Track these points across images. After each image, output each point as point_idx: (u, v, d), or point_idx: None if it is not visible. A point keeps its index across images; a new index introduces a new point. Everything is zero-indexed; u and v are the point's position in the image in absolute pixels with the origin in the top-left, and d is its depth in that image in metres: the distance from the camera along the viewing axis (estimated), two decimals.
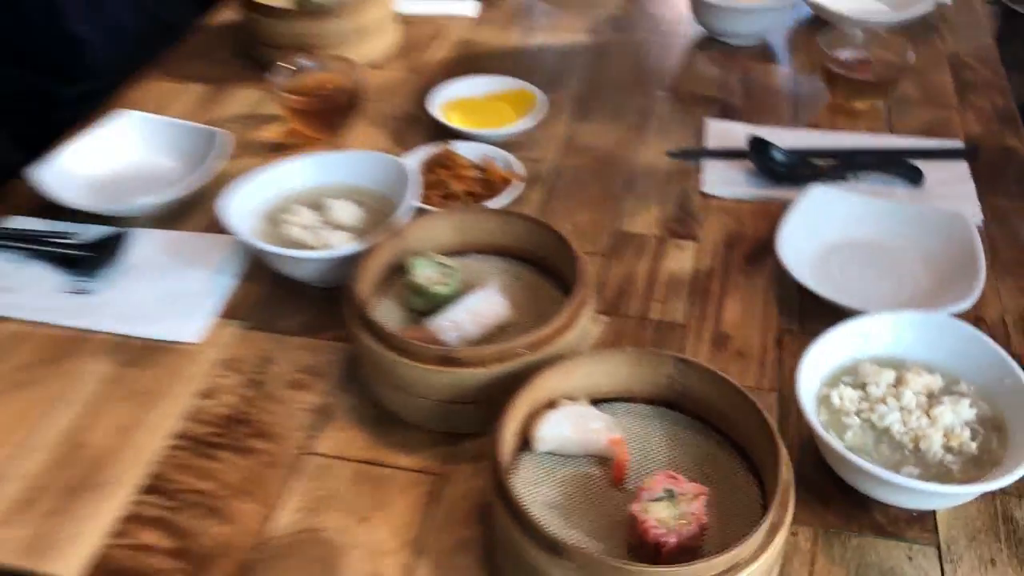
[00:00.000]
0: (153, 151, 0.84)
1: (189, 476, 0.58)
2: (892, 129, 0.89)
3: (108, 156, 0.82)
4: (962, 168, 0.82)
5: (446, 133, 0.85)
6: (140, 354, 0.66)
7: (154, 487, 0.57)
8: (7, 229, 0.76)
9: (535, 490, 0.53)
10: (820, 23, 1.04)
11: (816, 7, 1.04)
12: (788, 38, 1.04)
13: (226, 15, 1.10)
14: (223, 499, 0.56)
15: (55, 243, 0.74)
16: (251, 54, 1.00)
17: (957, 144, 0.85)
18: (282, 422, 0.61)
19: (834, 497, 0.55)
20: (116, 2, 1.14)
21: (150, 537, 0.54)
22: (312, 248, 0.68)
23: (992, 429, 0.55)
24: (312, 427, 0.60)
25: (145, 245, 0.74)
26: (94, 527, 0.55)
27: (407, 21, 1.07)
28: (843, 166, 0.81)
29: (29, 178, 0.77)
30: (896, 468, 0.53)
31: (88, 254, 0.73)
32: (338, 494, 0.56)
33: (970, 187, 0.80)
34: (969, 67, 0.99)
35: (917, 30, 1.04)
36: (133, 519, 0.55)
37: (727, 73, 0.98)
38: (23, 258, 0.73)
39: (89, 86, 1.18)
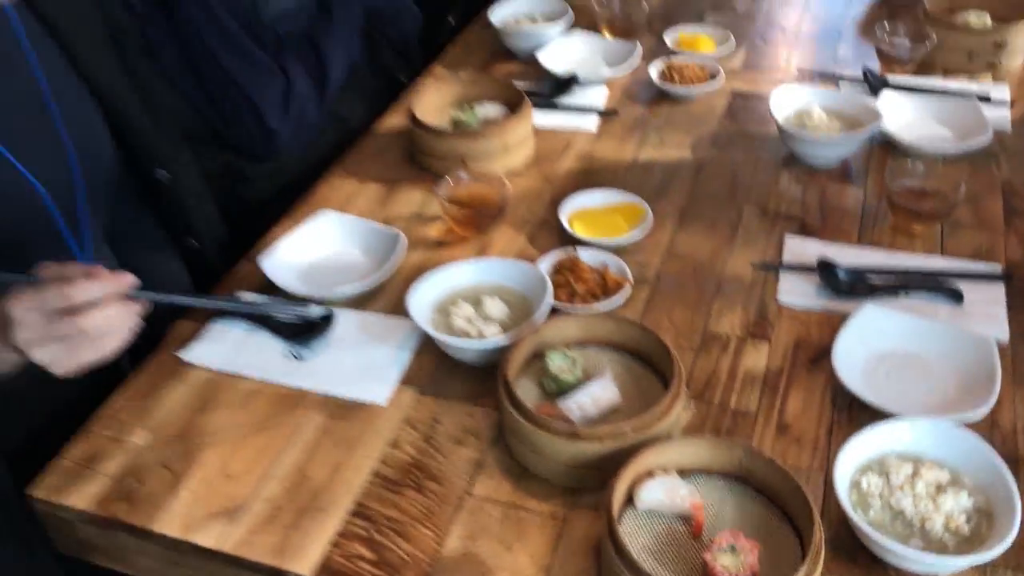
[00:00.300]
0: (346, 245, 1.08)
1: (383, 505, 0.80)
2: (944, 250, 1.06)
3: (312, 248, 1.07)
4: (998, 290, 1.00)
5: (571, 240, 1.07)
6: (343, 410, 0.89)
7: (359, 512, 0.80)
8: (241, 303, 1.00)
9: (635, 537, 0.73)
10: (892, 147, 1.22)
11: (887, 135, 1.22)
12: (863, 161, 1.22)
13: (395, 120, 1.35)
14: (408, 525, 0.78)
15: (278, 319, 0.99)
16: (416, 159, 1.25)
17: (996, 269, 1.02)
18: (447, 470, 0.83)
19: (860, 560, 0.74)
20: (305, 102, 1.40)
21: (358, 549, 0.77)
22: (471, 337, 0.91)
23: (984, 516, 0.73)
24: (470, 475, 0.82)
25: (344, 323, 0.98)
26: (319, 539, 0.78)
27: (540, 134, 1.29)
28: (896, 285, 1.00)
29: (256, 263, 1.02)
30: (905, 541, 0.71)
31: (303, 328, 0.97)
32: (490, 528, 0.78)
33: (1002, 309, 0.97)
34: (1018, 194, 1.15)
35: (977, 156, 1.21)
36: (346, 535, 0.78)
37: (806, 192, 1.17)
38: (254, 328, 0.98)
39: (275, 165, 1.45)
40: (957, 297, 0.98)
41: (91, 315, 0.73)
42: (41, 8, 0.95)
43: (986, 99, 1.32)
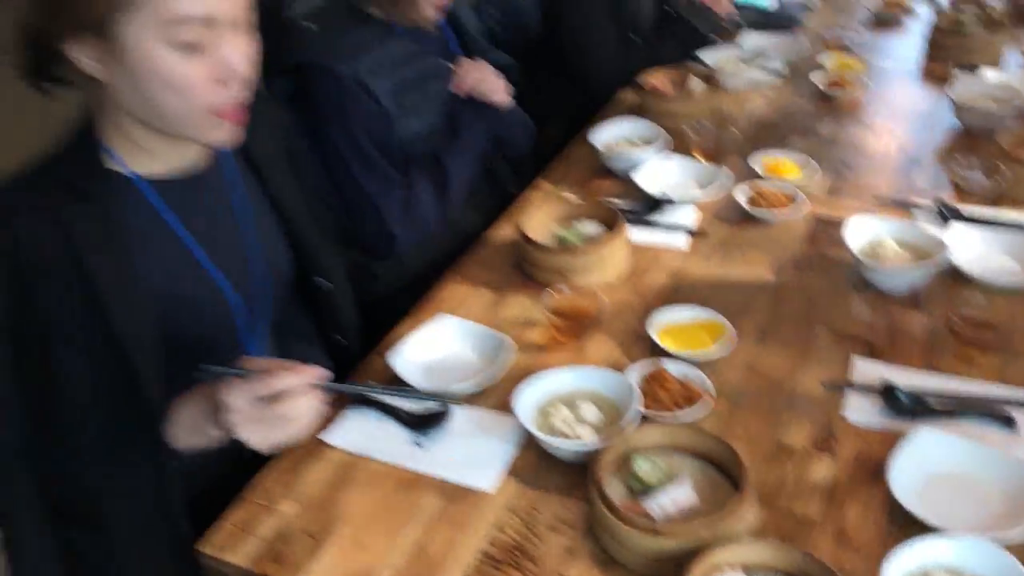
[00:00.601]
0: (461, 346, 1.25)
1: None
2: (1002, 377, 1.16)
3: (432, 348, 1.24)
4: None
5: (659, 352, 1.21)
6: (457, 493, 1.04)
7: None
8: (371, 394, 1.18)
9: None
10: (959, 277, 1.33)
11: (954, 266, 1.33)
12: (931, 289, 1.33)
13: (506, 231, 1.53)
14: None
15: (404, 410, 1.15)
16: (523, 269, 1.41)
17: None
18: (544, 554, 0.97)
19: None
20: (425, 213, 1.59)
21: None
22: (567, 438, 1.06)
23: None
24: (564, 560, 0.96)
25: (459, 417, 1.14)
26: None
27: (634, 250, 1.45)
28: (953, 409, 1.10)
29: (385, 358, 1.20)
30: None
31: (424, 420, 1.13)
32: None
33: None
34: None
35: None
36: None
37: (876, 316, 1.28)
38: (383, 416, 1.15)
39: (396, 263, 1.65)
40: (1010, 423, 1.08)
41: (289, 403, 0.91)
42: (249, 146, 1.15)
43: None
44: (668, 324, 1.26)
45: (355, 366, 1.26)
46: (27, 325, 0.97)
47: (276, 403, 0.90)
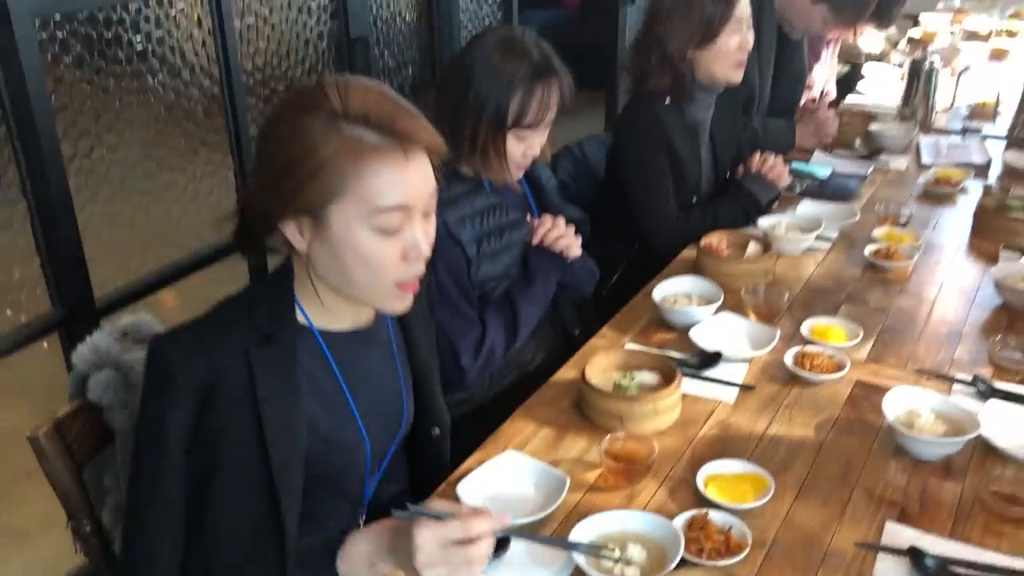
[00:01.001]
0: (523, 480, 1.37)
1: None
2: None
3: (497, 480, 1.37)
4: None
5: (704, 501, 1.32)
6: None
7: None
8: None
9: None
10: (992, 451, 1.42)
11: (987, 440, 1.42)
12: (965, 460, 1.42)
13: (569, 374, 1.67)
14: None
15: None
16: (584, 411, 1.55)
17: None
18: None
19: None
20: (494, 349, 1.75)
21: None
22: None
23: None
24: None
25: (516, 547, 1.25)
26: None
27: (686, 399, 1.57)
28: None
29: (456, 490, 1.33)
30: None
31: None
32: None
33: None
34: None
35: None
36: None
37: (910, 483, 1.37)
38: None
39: (465, 394, 1.79)
40: None
41: (477, 546, 1.03)
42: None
43: None
44: (714, 474, 1.37)
45: (427, 495, 1.39)
46: (201, 446, 1.13)
47: (464, 547, 1.02)
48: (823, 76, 3.20)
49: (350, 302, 1.22)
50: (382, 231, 1.12)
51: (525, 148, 1.75)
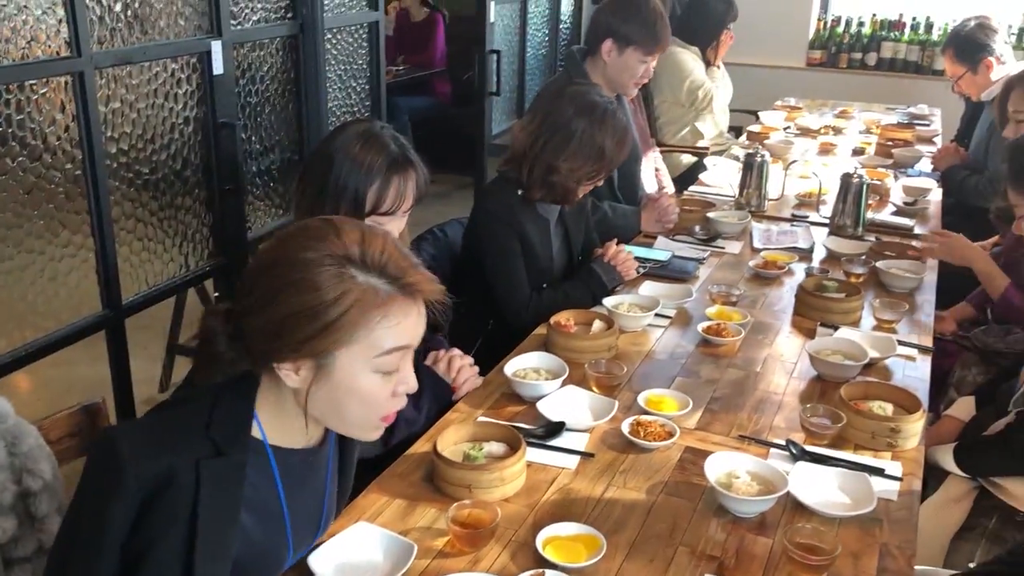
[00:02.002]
0: (373, 549, 1.44)
1: None
2: None
3: (348, 551, 1.42)
4: None
5: (543, 561, 1.42)
6: None
7: None
8: None
9: None
10: (800, 507, 1.58)
11: (795, 498, 1.59)
12: (775, 517, 1.57)
13: (423, 448, 1.75)
14: None
15: None
16: (434, 481, 1.63)
17: None
18: None
19: None
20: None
21: None
22: None
23: None
24: None
25: None
26: None
27: (531, 467, 1.68)
28: None
29: (308, 561, 1.38)
30: None
31: None
32: None
33: None
34: (891, 555, 1.48)
35: (865, 519, 1.56)
36: None
37: (728, 539, 1.51)
38: None
39: None
40: None
41: None
42: None
43: (881, 472, 1.69)
44: (553, 536, 1.47)
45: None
46: (132, 546, 1.14)
47: None
48: (650, 169, 3.48)
49: (308, 421, 1.26)
50: (383, 372, 1.20)
51: None
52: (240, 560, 1.24)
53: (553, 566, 1.40)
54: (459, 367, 1.95)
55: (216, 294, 3.21)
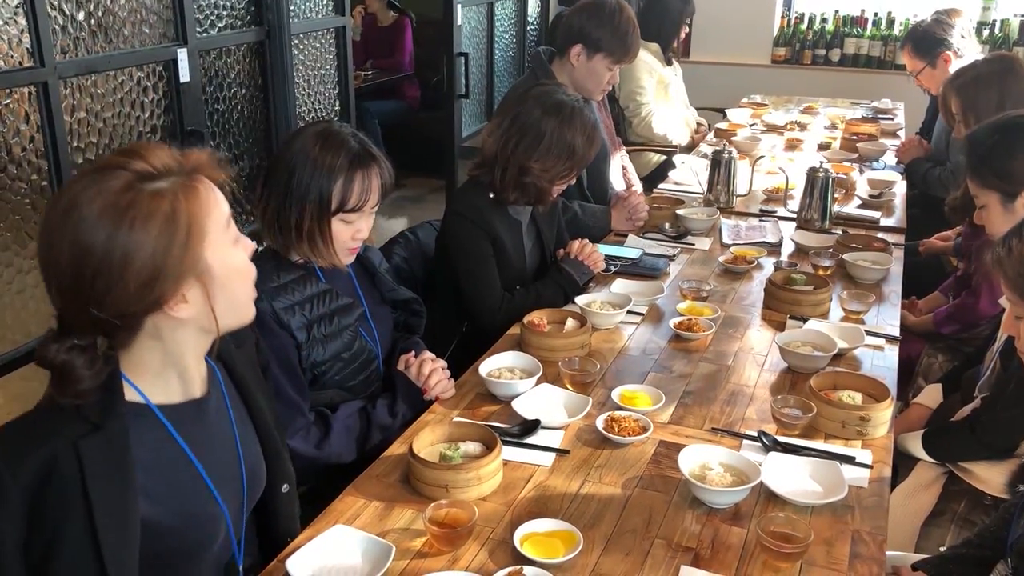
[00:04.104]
0: (351, 552, 1.44)
1: None
2: None
3: (325, 554, 1.43)
4: None
5: (520, 558, 1.43)
6: None
7: None
8: None
9: None
10: (773, 497, 1.60)
11: (768, 488, 1.61)
12: (748, 507, 1.60)
13: (399, 450, 1.75)
14: None
15: None
16: (411, 484, 1.64)
17: None
18: None
19: None
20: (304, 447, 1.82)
21: None
22: None
23: None
24: None
25: None
26: None
27: (508, 466, 1.69)
28: None
29: (286, 565, 1.38)
30: None
31: None
32: None
33: None
34: (863, 541, 1.51)
35: (837, 507, 1.58)
36: None
37: (703, 530, 1.53)
38: None
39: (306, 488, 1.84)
40: None
41: None
42: (233, 367, 1.42)
43: (851, 460, 1.72)
44: (530, 532, 1.48)
45: (256, 572, 1.44)
46: (35, 546, 1.12)
47: None
48: (618, 169, 3.51)
49: (179, 368, 1.26)
50: (235, 242, 1.24)
51: (353, 232, 1.86)
52: (173, 530, 1.23)
53: (531, 562, 1.41)
54: (430, 370, 1.96)
55: None
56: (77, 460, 1.13)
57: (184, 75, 2.73)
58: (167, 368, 1.26)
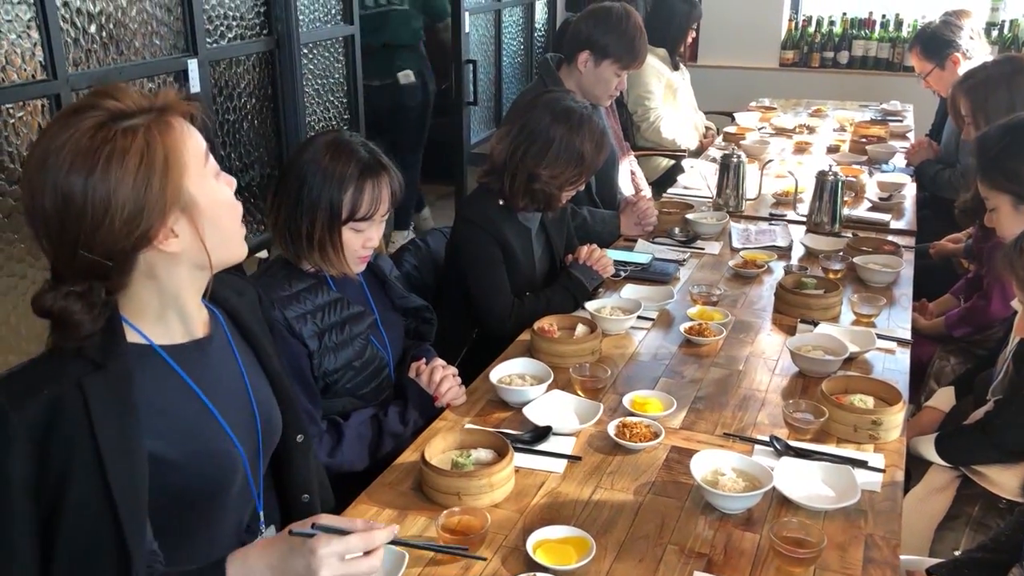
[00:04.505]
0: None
1: None
2: None
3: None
4: None
5: (533, 565, 1.43)
6: None
7: None
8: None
9: None
10: (786, 501, 1.60)
11: (780, 492, 1.61)
12: (761, 512, 1.60)
13: (411, 457, 1.76)
14: None
15: None
16: (423, 490, 1.64)
17: None
18: None
19: None
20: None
21: None
22: None
23: None
24: None
25: None
26: None
27: (519, 472, 1.69)
28: None
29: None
30: None
31: None
32: None
33: None
34: (877, 545, 1.51)
35: (850, 511, 1.58)
36: None
37: (716, 535, 1.53)
38: None
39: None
40: None
41: (375, 556, 1.11)
42: (236, 315, 1.44)
43: (864, 465, 1.72)
44: (542, 539, 1.49)
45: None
46: (46, 485, 1.13)
47: (365, 558, 1.10)
48: (626, 174, 3.51)
49: (179, 309, 1.28)
50: (216, 175, 1.25)
51: (364, 240, 1.87)
52: (188, 469, 1.25)
53: (544, 569, 1.42)
54: (441, 377, 1.96)
55: None
56: (82, 398, 1.14)
57: (195, 85, 2.75)
58: (167, 309, 1.27)
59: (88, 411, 1.14)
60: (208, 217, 1.23)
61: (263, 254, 3.38)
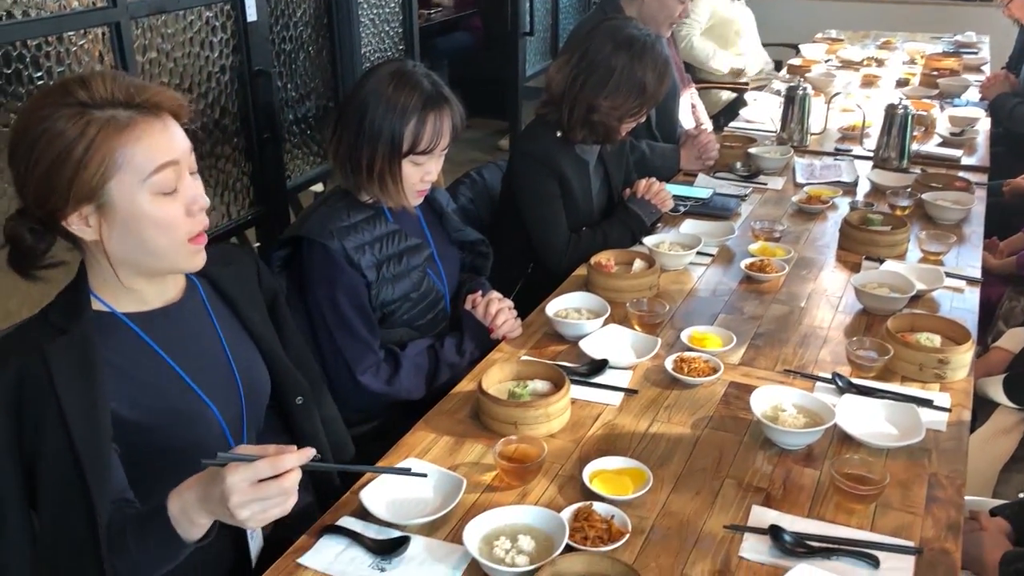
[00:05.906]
0: (422, 484, 1.46)
1: None
2: (872, 526, 1.39)
3: (398, 486, 1.45)
4: (909, 561, 1.31)
5: (589, 494, 1.43)
6: None
7: None
8: (339, 526, 1.38)
9: None
10: (847, 439, 1.58)
11: (842, 429, 1.58)
12: (821, 449, 1.57)
13: (467, 386, 1.77)
14: None
15: (368, 537, 1.36)
16: (481, 420, 1.65)
17: (910, 544, 1.34)
18: None
19: None
20: (378, 379, 1.84)
21: None
22: (505, 564, 1.26)
23: None
24: None
25: (415, 545, 1.34)
26: None
27: (576, 404, 1.69)
28: (829, 548, 1.32)
29: (360, 496, 1.41)
30: None
31: (386, 546, 1.34)
32: None
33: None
34: (940, 485, 1.48)
35: (914, 449, 1.55)
36: None
37: (775, 470, 1.52)
38: (351, 542, 1.36)
39: (361, 414, 1.88)
40: (875, 563, 1.30)
41: (288, 479, 1.10)
42: (218, 282, 1.45)
43: (929, 403, 1.68)
44: (599, 470, 1.49)
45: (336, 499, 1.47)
46: (25, 442, 1.20)
47: (275, 482, 1.09)
48: (687, 107, 3.42)
49: (148, 279, 1.31)
50: (161, 193, 1.23)
51: (423, 174, 1.85)
52: (160, 430, 1.29)
53: (601, 499, 1.42)
54: (497, 310, 1.96)
55: (258, 244, 3.23)
56: (44, 362, 1.20)
57: (251, 14, 2.72)
58: (131, 280, 1.30)
59: (50, 373, 1.19)
60: (123, 224, 1.23)
61: (319, 187, 3.40)
